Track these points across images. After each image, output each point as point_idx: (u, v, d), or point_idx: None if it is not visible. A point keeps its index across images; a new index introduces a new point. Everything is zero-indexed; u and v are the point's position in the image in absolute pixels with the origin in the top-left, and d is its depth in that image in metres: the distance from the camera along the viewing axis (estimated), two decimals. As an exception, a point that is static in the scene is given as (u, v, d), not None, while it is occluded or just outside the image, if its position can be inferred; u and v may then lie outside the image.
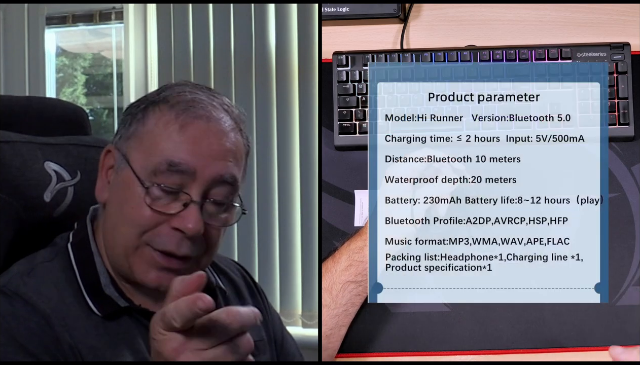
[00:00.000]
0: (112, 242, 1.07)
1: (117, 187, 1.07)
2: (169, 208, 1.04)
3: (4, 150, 1.08)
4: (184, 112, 1.05)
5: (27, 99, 1.30)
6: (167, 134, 1.04)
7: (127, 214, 1.04)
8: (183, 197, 1.04)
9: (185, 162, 1.03)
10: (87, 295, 1.05)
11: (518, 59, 1.38)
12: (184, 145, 1.04)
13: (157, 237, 1.04)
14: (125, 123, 1.08)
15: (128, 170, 1.05)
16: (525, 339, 1.33)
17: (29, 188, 1.09)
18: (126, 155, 1.06)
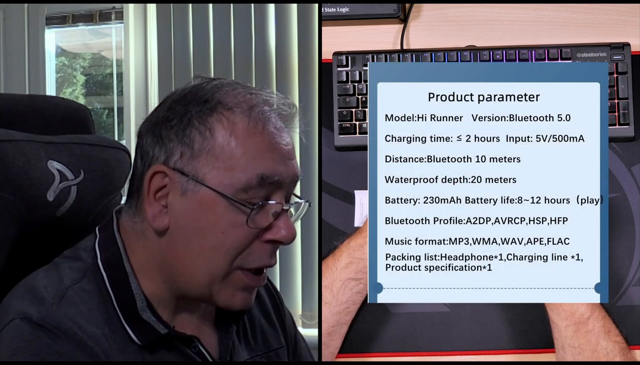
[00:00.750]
0: (190, 271, 0.98)
1: (190, 212, 0.97)
2: (261, 222, 0.98)
3: (6, 149, 1.08)
4: (259, 119, 0.98)
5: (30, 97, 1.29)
6: (251, 146, 0.97)
7: (217, 240, 0.97)
8: (273, 208, 0.98)
9: (277, 174, 0.98)
10: (126, 322, 0.98)
11: (518, 59, 1.38)
12: (271, 152, 0.98)
13: (250, 255, 0.98)
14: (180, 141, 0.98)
15: (206, 192, 0.96)
16: (525, 339, 1.33)
17: (32, 187, 1.09)
18: (198, 176, 0.96)
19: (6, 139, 1.09)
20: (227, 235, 0.97)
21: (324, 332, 1.28)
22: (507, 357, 1.34)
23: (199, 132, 0.97)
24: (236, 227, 0.97)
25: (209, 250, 0.97)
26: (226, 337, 1.07)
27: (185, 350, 1.01)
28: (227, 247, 0.97)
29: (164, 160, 0.98)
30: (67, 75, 3.06)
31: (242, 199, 0.96)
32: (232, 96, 1.00)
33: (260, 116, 0.99)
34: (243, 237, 0.97)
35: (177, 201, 0.98)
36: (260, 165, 0.97)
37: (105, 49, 3.00)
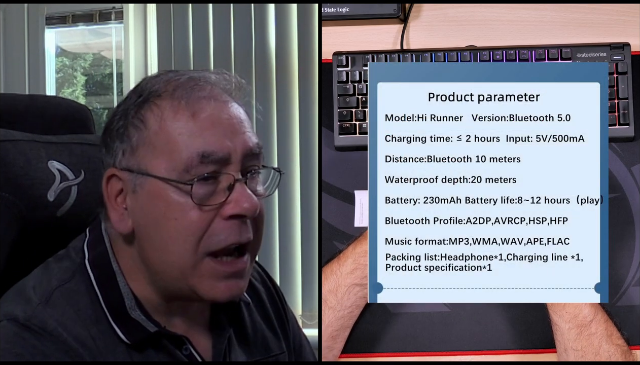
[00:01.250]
0: (163, 267, 0.96)
1: (144, 207, 0.96)
2: (214, 200, 0.94)
3: (7, 149, 1.08)
4: (188, 96, 0.96)
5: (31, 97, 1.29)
6: (183, 125, 0.95)
7: (173, 229, 0.94)
8: (224, 181, 0.95)
9: (219, 149, 0.94)
10: (114, 321, 0.97)
11: (518, 59, 1.38)
12: (208, 129, 0.95)
13: (214, 236, 0.95)
14: (120, 139, 0.98)
15: (151, 182, 0.95)
16: (525, 339, 1.33)
17: (32, 187, 1.08)
18: (141, 169, 0.95)
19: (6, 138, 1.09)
20: (180, 221, 0.94)
21: (328, 336, 1.28)
22: (507, 357, 1.34)
23: (134, 127, 0.97)
24: (187, 210, 0.94)
25: (169, 241, 0.95)
26: (219, 341, 1.05)
27: (175, 352, 1.00)
28: (184, 233, 0.94)
29: (112, 163, 0.98)
30: (67, 75, 3.06)
31: (187, 180, 0.94)
32: (162, 83, 0.98)
33: (186, 94, 0.96)
34: (197, 220, 0.94)
35: (132, 200, 0.97)
36: (199, 142, 0.94)
37: (105, 49, 3.00)
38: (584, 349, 1.20)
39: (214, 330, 1.06)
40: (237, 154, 0.96)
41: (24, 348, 0.91)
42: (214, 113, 0.96)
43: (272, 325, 1.17)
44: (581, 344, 1.20)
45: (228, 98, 0.99)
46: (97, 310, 0.97)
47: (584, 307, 1.21)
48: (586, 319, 1.20)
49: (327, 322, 1.27)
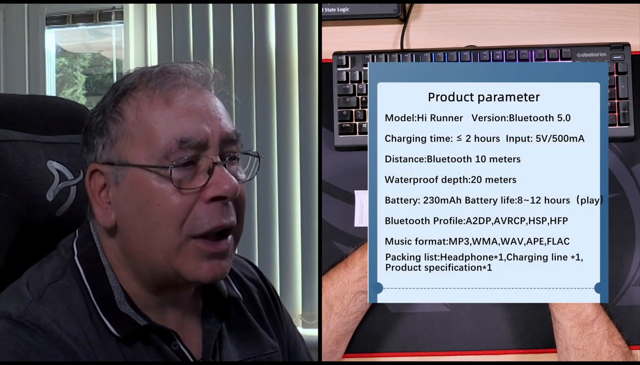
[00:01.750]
0: (147, 254, 0.98)
1: (127, 198, 0.98)
2: (195, 183, 0.96)
3: (6, 149, 1.08)
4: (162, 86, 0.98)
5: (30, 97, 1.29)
6: (159, 113, 0.97)
7: (156, 214, 0.96)
8: (204, 165, 0.97)
9: (195, 135, 0.97)
10: (104, 315, 0.98)
11: (518, 59, 1.38)
12: (184, 116, 0.97)
13: (197, 220, 0.96)
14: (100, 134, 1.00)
15: (134, 171, 0.97)
16: (525, 339, 1.33)
17: (31, 187, 1.08)
18: (122, 160, 0.98)
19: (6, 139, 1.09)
20: (162, 207, 0.96)
21: (333, 341, 1.29)
22: (507, 357, 1.34)
23: (112, 120, 0.99)
24: (169, 195, 0.96)
25: (153, 227, 0.96)
26: (209, 337, 1.06)
27: (163, 347, 1.00)
28: (167, 218, 0.96)
29: (93, 159, 1.01)
30: (68, 75, 3.06)
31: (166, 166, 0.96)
32: (137, 76, 1.01)
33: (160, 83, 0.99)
34: (179, 204, 0.96)
35: (115, 192, 0.99)
36: (176, 129, 0.96)
37: (105, 49, 3.00)
38: (585, 348, 1.20)
39: (205, 326, 1.07)
40: (214, 138, 0.98)
41: (18, 345, 0.92)
42: (189, 100, 0.99)
43: (264, 324, 1.17)
44: (582, 342, 1.20)
45: (202, 87, 1.02)
46: (88, 305, 0.98)
47: (587, 306, 1.21)
48: (589, 318, 1.20)
49: (332, 327, 1.27)
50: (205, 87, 1.02)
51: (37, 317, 0.94)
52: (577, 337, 1.21)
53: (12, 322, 0.94)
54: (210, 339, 1.06)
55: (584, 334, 1.20)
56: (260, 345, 1.13)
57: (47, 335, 0.93)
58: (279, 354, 1.16)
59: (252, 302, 1.17)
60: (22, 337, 0.93)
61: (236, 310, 1.13)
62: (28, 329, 0.93)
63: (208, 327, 1.07)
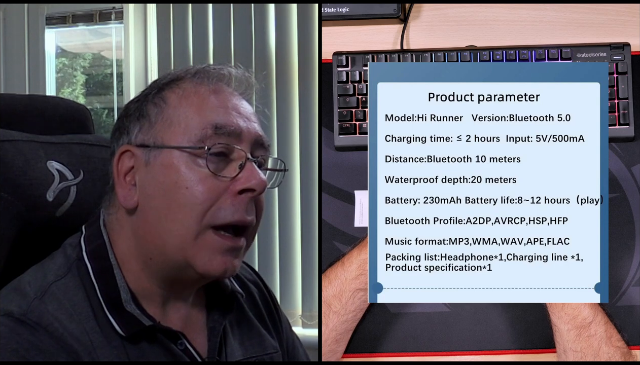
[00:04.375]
0: (163, 238, 0.98)
1: (155, 178, 0.99)
2: (226, 173, 0.98)
3: (6, 149, 1.08)
4: (210, 79, 1.02)
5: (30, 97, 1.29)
6: (202, 100, 1.00)
7: (182, 197, 0.96)
8: (237, 157, 0.99)
9: (232, 123, 0.99)
10: (110, 313, 0.97)
11: (518, 59, 1.38)
12: (224, 107, 1.00)
13: (222, 210, 0.97)
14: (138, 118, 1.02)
15: (166, 153, 0.98)
16: (525, 339, 1.33)
17: (31, 187, 1.08)
18: (157, 142, 0.99)
19: (5, 139, 1.09)
20: (191, 190, 0.97)
21: (332, 340, 1.28)
22: (507, 357, 1.34)
23: (154, 105, 1.01)
24: (200, 180, 0.97)
25: (176, 209, 0.97)
26: (214, 335, 1.06)
27: (170, 346, 1.00)
28: (193, 202, 0.96)
29: (127, 141, 1.02)
30: (67, 75, 3.06)
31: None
32: (183, 71, 1.05)
33: (208, 76, 1.03)
34: (208, 190, 0.97)
35: (143, 174, 1.00)
36: (214, 116, 0.99)
37: (105, 49, 3.00)
38: (584, 351, 1.20)
39: (209, 324, 1.07)
40: (249, 135, 1.01)
41: (19, 344, 0.92)
42: (231, 98, 1.03)
43: (265, 324, 1.17)
44: (580, 345, 1.20)
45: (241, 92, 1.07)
46: (94, 302, 0.98)
47: (583, 308, 1.20)
48: (585, 321, 1.20)
49: (331, 326, 1.27)
50: (246, 92, 1.08)
51: (39, 315, 0.94)
52: (574, 340, 1.20)
53: (13, 320, 0.93)
54: (215, 336, 1.06)
55: (582, 336, 1.20)
56: (262, 345, 1.14)
57: (49, 334, 0.93)
58: (279, 355, 1.17)
59: (253, 303, 1.18)
60: (24, 336, 0.92)
61: (239, 308, 1.13)
62: (30, 328, 0.93)
63: (212, 325, 1.07)
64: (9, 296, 0.98)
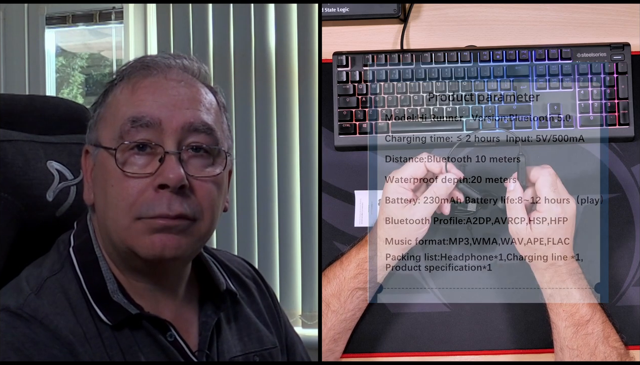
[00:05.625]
0: (107, 233, 1.01)
1: (97, 178, 1.02)
2: (145, 168, 0.98)
3: (6, 149, 1.08)
4: (137, 75, 1.02)
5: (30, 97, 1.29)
6: (124, 98, 1.01)
7: (110, 195, 0.99)
8: (157, 152, 0.98)
9: (147, 114, 0.98)
10: (96, 304, 0.99)
11: (518, 59, 1.38)
12: (141, 100, 1.00)
13: (144, 205, 0.98)
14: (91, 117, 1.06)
15: (101, 153, 1.01)
16: (525, 339, 1.33)
17: (31, 187, 1.09)
18: (97, 141, 1.02)
19: (5, 139, 1.09)
20: (116, 188, 0.98)
21: (330, 339, 1.28)
22: (507, 357, 1.34)
23: (98, 105, 1.05)
24: (121, 178, 0.98)
25: (109, 206, 0.99)
26: (205, 329, 1.07)
27: (157, 336, 1.01)
28: (119, 199, 0.98)
29: (87, 141, 1.05)
30: (67, 75, 3.06)
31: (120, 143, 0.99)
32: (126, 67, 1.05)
33: (136, 74, 1.02)
34: (129, 187, 0.98)
35: (94, 172, 1.03)
36: (132, 110, 0.99)
37: (105, 49, 3.00)
38: (580, 349, 1.20)
39: (201, 318, 1.08)
40: (171, 124, 0.99)
41: (15, 336, 0.93)
42: (158, 87, 1.01)
43: (264, 320, 1.18)
44: (577, 343, 1.20)
45: (191, 79, 1.04)
46: (84, 296, 1.00)
47: (581, 306, 1.20)
48: (583, 319, 1.20)
49: (330, 325, 1.27)
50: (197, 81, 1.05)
51: (34, 309, 0.96)
52: (571, 338, 1.20)
53: (10, 314, 0.95)
54: (207, 330, 1.06)
55: (578, 334, 1.20)
56: (261, 341, 1.14)
57: (44, 327, 0.95)
58: (278, 350, 1.17)
59: (252, 299, 1.18)
60: (19, 329, 0.94)
61: (235, 304, 1.13)
62: (25, 321, 0.95)
63: (204, 319, 1.08)
64: (7, 293, 1.00)
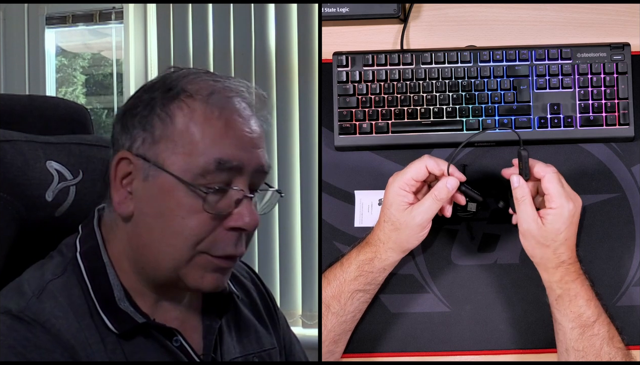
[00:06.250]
0: (156, 256, 0.99)
1: (151, 197, 0.98)
2: (221, 209, 0.98)
3: (5, 150, 1.08)
4: (222, 107, 0.98)
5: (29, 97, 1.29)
6: (209, 131, 0.97)
7: (177, 225, 0.97)
8: (235, 194, 0.98)
9: (232, 158, 0.97)
10: (103, 311, 0.98)
11: (518, 59, 1.38)
12: (230, 138, 0.97)
13: (215, 243, 0.98)
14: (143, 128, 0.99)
15: (166, 177, 0.97)
16: (525, 339, 1.33)
17: (30, 187, 1.08)
18: (158, 161, 0.97)
19: (5, 139, 1.09)
20: (186, 221, 0.97)
21: (330, 340, 1.28)
22: (507, 357, 1.34)
23: (160, 119, 0.98)
24: (196, 213, 0.97)
25: (170, 235, 0.97)
26: (210, 332, 1.07)
27: (165, 342, 1.01)
28: (188, 232, 0.97)
29: (128, 146, 1.00)
30: (67, 75, 3.06)
31: (201, 184, 0.96)
32: (195, 83, 1.00)
33: (219, 102, 0.98)
34: (203, 223, 0.97)
35: (141, 187, 0.99)
36: (218, 150, 0.97)
37: (105, 49, 3.00)
38: (585, 350, 1.19)
39: (205, 322, 1.08)
40: (249, 167, 0.99)
41: (16, 340, 0.92)
42: (237, 125, 0.98)
43: (263, 321, 1.18)
44: (583, 344, 1.20)
45: (251, 112, 1.02)
46: (88, 301, 0.99)
47: (587, 307, 1.20)
48: (589, 320, 1.20)
49: (330, 327, 1.27)
50: (253, 113, 1.02)
51: (36, 312, 0.95)
52: (577, 339, 1.20)
53: (11, 317, 0.95)
54: (212, 334, 1.07)
55: (585, 335, 1.20)
56: (259, 342, 1.15)
57: (46, 331, 0.94)
58: (277, 351, 1.17)
59: (251, 301, 1.18)
60: (21, 332, 0.93)
61: (235, 307, 1.13)
62: (27, 324, 0.94)
63: (208, 323, 1.08)
64: (8, 295, 0.99)
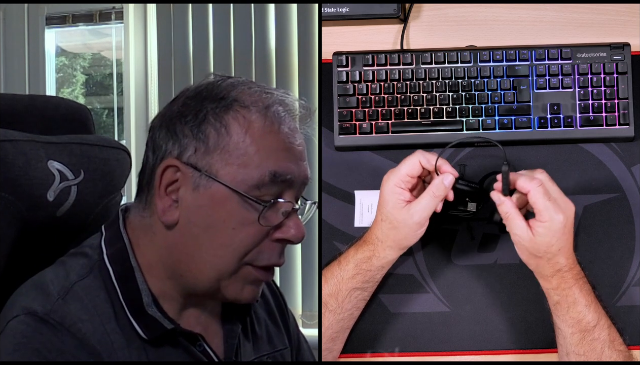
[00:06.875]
0: (199, 266, 0.99)
1: (200, 207, 0.98)
2: (272, 221, 0.99)
3: (6, 149, 1.08)
4: (274, 119, 0.99)
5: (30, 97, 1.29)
6: (265, 144, 0.97)
7: (227, 237, 0.97)
8: (284, 206, 0.99)
9: (289, 172, 0.98)
10: (132, 316, 0.98)
11: (518, 59, 1.38)
12: (284, 151, 0.98)
13: (261, 253, 0.99)
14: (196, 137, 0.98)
15: (218, 188, 0.97)
16: (525, 339, 1.33)
17: (32, 187, 1.08)
18: (211, 172, 0.97)
19: (6, 138, 1.09)
20: (237, 232, 0.97)
21: (327, 338, 1.28)
22: (507, 357, 1.34)
23: (215, 129, 0.98)
24: (247, 224, 0.97)
25: (218, 246, 0.98)
26: (231, 336, 1.07)
27: (190, 348, 1.01)
28: (237, 244, 0.98)
29: (177, 154, 0.99)
30: (67, 75, 3.06)
31: (255, 196, 0.97)
32: (248, 95, 1.00)
33: (275, 116, 0.99)
34: (253, 235, 0.98)
35: (189, 196, 0.98)
36: (273, 163, 0.97)
37: (105, 49, 3.00)
38: (587, 354, 1.19)
39: (226, 326, 1.08)
40: (299, 179, 1.00)
41: (42, 344, 0.92)
42: (289, 138, 1.00)
43: (275, 321, 1.19)
44: (584, 349, 1.19)
45: (298, 124, 1.03)
46: (115, 305, 0.99)
47: (587, 312, 1.19)
48: (589, 324, 1.19)
49: (327, 324, 1.27)
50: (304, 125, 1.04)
51: (62, 316, 0.95)
52: (577, 344, 1.20)
53: (37, 320, 0.94)
54: (233, 337, 1.07)
55: (585, 340, 1.19)
56: (272, 342, 1.16)
57: (72, 335, 0.94)
58: (288, 351, 1.18)
59: (265, 300, 1.19)
60: (46, 336, 0.93)
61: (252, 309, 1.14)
62: (52, 328, 0.93)
63: (229, 327, 1.08)
64: (31, 294, 0.98)
